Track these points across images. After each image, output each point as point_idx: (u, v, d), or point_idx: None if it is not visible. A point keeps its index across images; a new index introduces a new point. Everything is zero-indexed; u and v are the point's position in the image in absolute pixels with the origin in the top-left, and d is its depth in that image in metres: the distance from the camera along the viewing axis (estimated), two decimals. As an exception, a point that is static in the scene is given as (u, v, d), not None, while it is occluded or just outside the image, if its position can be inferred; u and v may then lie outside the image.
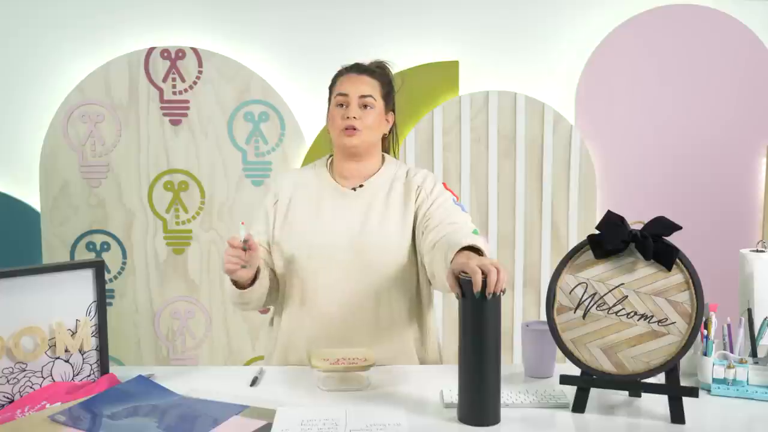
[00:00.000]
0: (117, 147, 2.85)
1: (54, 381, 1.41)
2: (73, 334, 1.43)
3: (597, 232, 1.34)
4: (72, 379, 1.44)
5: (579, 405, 1.32)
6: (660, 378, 1.33)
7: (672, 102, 2.92)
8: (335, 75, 1.76)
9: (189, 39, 2.85)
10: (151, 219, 2.87)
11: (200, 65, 2.83)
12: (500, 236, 2.90)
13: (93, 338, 1.46)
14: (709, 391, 1.41)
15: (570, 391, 1.37)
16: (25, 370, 1.38)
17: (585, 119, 2.92)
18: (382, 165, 1.77)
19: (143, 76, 2.83)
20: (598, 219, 1.36)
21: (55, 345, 1.41)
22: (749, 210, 2.97)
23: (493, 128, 2.87)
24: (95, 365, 1.47)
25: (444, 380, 1.46)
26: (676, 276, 1.29)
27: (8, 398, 1.36)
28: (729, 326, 1.46)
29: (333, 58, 1.89)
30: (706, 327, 1.43)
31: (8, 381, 1.36)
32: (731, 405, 1.36)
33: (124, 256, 2.88)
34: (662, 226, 1.30)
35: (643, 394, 1.39)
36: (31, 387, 1.39)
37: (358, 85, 1.68)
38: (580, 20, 2.90)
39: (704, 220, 2.92)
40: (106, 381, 1.44)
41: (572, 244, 2.77)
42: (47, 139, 2.83)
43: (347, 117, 1.66)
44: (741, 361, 1.40)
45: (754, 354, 1.45)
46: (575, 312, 1.34)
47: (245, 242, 1.50)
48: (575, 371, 1.37)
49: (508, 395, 1.37)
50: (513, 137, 2.88)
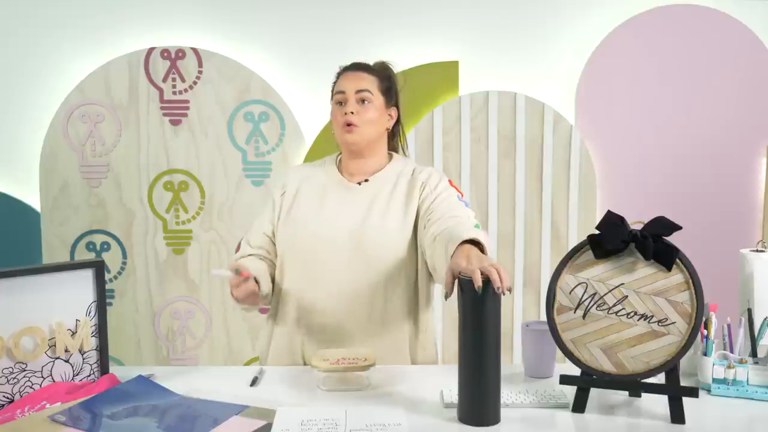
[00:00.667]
0: (117, 147, 2.85)
1: (54, 381, 1.41)
2: (73, 334, 1.43)
3: (597, 232, 1.33)
4: (72, 379, 1.44)
5: (579, 405, 1.32)
6: (660, 378, 1.33)
7: (672, 102, 2.92)
8: (335, 76, 1.78)
9: (189, 39, 2.86)
10: (151, 219, 2.87)
11: (200, 65, 2.83)
12: (500, 236, 2.90)
13: (93, 338, 1.46)
14: (709, 391, 1.41)
15: (570, 391, 1.37)
16: (25, 370, 1.38)
17: (585, 119, 2.92)
18: (390, 162, 1.78)
19: (143, 76, 2.83)
20: (598, 219, 1.36)
21: (55, 345, 1.41)
22: (749, 210, 2.97)
23: (493, 128, 2.87)
24: (95, 365, 1.47)
25: (444, 380, 1.46)
26: (676, 276, 1.29)
27: (8, 398, 1.36)
28: (729, 326, 1.46)
29: (333, 58, 1.90)
30: (706, 327, 1.43)
31: (8, 381, 1.36)
32: (731, 405, 1.36)
33: (124, 256, 2.88)
34: (662, 226, 1.30)
35: (643, 394, 1.39)
36: (31, 387, 1.39)
37: (355, 81, 1.71)
38: (580, 20, 2.91)
39: (704, 220, 2.92)
40: (106, 381, 1.44)
41: (572, 244, 2.77)
42: (47, 139, 2.83)
43: (345, 113, 1.68)
44: (741, 361, 1.40)
45: (754, 354, 1.45)
46: (575, 312, 1.34)
47: (237, 272, 1.53)
48: (575, 371, 1.36)
49: (508, 395, 1.37)
50: (513, 137, 2.88)
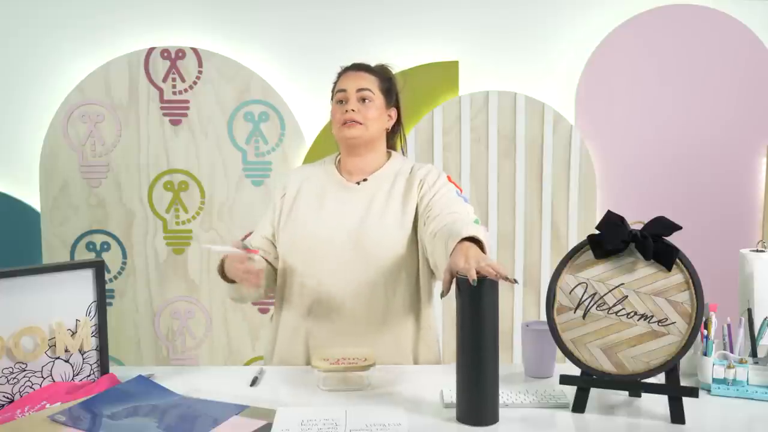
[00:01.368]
0: (117, 147, 2.85)
1: (54, 381, 1.41)
2: (73, 334, 1.43)
3: (597, 232, 1.33)
4: (72, 379, 1.44)
5: (579, 405, 1.32)
6: (660, 378, 1.33)
7: (672, 102, 2.92)
8: (336, 76, 1.79)
9: (189, 39, 2.86)
10: (151, 219, 2.87)
11: (200, 65, 2.83)
12: (500, 236, 2.90)
13: (93, 338, 1.46)
14: (709, 391, 1.41)
15: (570, 391, 1.37)
16: (25, 370, 1.38)
17: (585, 119, 2.92)
18: (388, 161, 1.79)
19: (143, 76, 2.83)
20: (598, 219, 1.36)
21: (55, 345, 1.41)
22: (749, 210, 2.97)
23: (493, 128, 2.87)
24: (95, 365, 1.47)
25: (444, 380, 1.46)
26: (676, 276, 1.29)
27: (8, 398, 1.36)
28: (729, 326, 1.46)
29: (333, 58, 1.90)
30: (706, 327, 1.43)
31: (8, 381, 1.36)
32: (731, 405, 1.36)
33: (124, 256, 2.88)
34: (662, 226, 1.30)
35: (643, 394, 1.39)
36: (31, 387, 1.39)
37: (356, 80, 1.72)
38: (580, 20, 2.90)
39: (704, 220, 2.92)
40: (106, 381, 1.44)
41: (572, 244, 2.77)
42: (47, 139, 2.83)
43: (346, 111, 1.69)
44: (741, 361, 1.40)
45: (754, 354, 1.45)
46: (575, 312, 1.34)
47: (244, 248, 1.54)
48: (575, 371, 1.36)
49: (508, 395, 1.37)
50: (513, 137, 2.88)
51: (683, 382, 1.34)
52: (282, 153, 2.87)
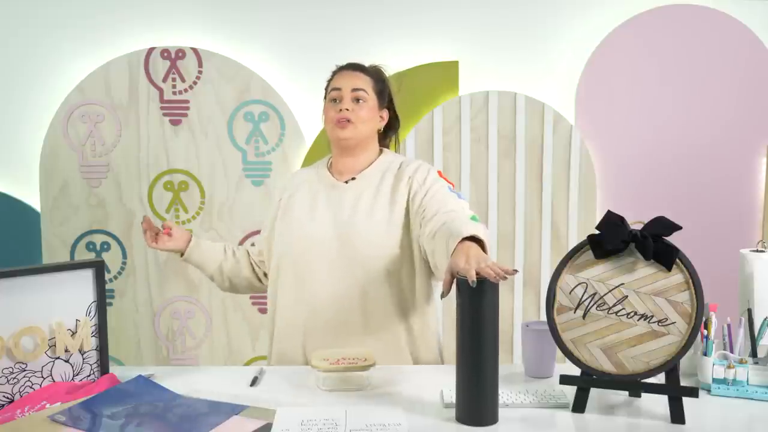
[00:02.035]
0: (117, 147, 2.85)
1: (54, 381, 1.41)
2: (73, 334, 1.43)
3: (597, 232, 1.33)
4: (72, 379, 1.44)
5: (579, 405, 1.32)
6: (660, 378, 1.33)
7: (672, 102, 2.92)
8: (330, 74, 1.81)
9: (189, 39, 2.86)
10: (152, 219, 2.86)
11: (200, 65, 2.83)
12: (500, 236, 2.90)
13: (93, 338, 1.46)
14: (709, 391, 1.41)
15: (570, 391, 1.37)
16: (25, 370, 1.38)
17: (585, 119, 2.92)
18: (378, 158, 1.80)
19: (143, 76, 2.83)
20: (598, 219, 1.36)
21: (55, 345, 1.41)
22: (749, 210, 2.97)
23: (493, 128, 2.87)
24: (95, 365, 1.47)
25: (444, 380, 1.46)
26: (676, 276, 1.29)
27: (8, 398, 1.36)
28: (729, 326, 1.46)
29: (333, 58, 1.90)
30: (706, 327, 1.43)
31: (8, 381, 1.36)
32: (731, 405, 1.36)
33: (124, 256, 2.88)
34: (662, 226, 1.30)
35: (643, 394, 1.39)
36: (31, 387, 1.39)
37: (351, 80, 1.74)
38: (580, 20, 2.90)
39: (704, 220, 2.92)
40: (106, 381, 1.44)
41: (572, 244, 2.77)
42: (47, 139, 2.83)
43: (340, 110, 1.71)
44: (741, 361, 1.40)
45: (754, 354, 1.45)
46: (575, 312, 1.34)
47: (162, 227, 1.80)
48: (575, 371, 1.37)
49: (508, 395, 1.37)
50: (513, 137, 2.88)
51: (683, 382, 1.34)
52: (282, 153, 2.87)
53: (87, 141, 2.84)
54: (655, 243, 1.29)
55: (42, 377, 1.40)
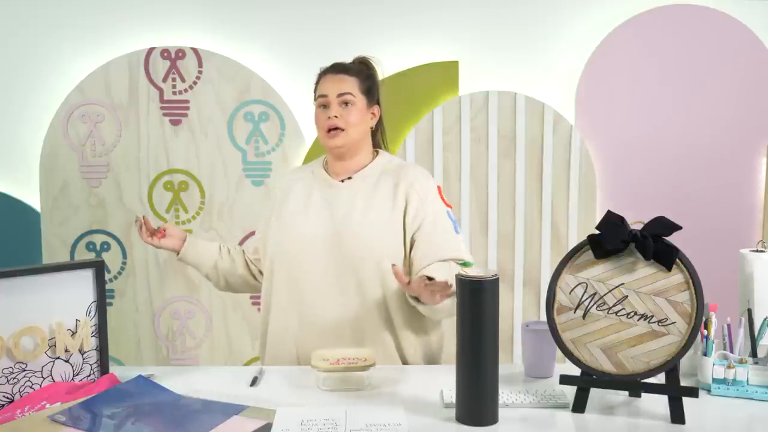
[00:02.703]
0: (117, 147, 2.85)
1: (54, 381, 1.41)
2: (73, 334, 1.43)
3: (597, 232, 1.34)
4: (72, 379, 1.44)
5: (579, 405, 1.32)
6: (660, 378, 1.33)
7: (672, 102, 2.92)
8: (317, 77, 1.80)
9: (189, 39, 2.85)
10: (152, 219, 2.86)
11: (200, 65, 2.83)
12: (500, 236, 2.90)
13: (93, 338, 1.46)
14: (709, 391, 1.41)
15: (570, 391, 1.37)
16: (25, 370, 1.38)
17: (585, 119, 2.92)
18: (374, 159, 1.79)
19: (143, 76, 2.83)
20: (598, 219, 1.36)
21: (55, 345, 1.41)
22: (749, 210, 2.97)
23: (493, 128, 2.87)
24: (95, 365, 1.47)
25: (444, 380, 1.46)
26: (676, 276, 1.29)
27: (8, 398, 1.36)
28: (729, 326, 1.46)
29: (333, 58, 1.90)
30: (706, 327, 1.43)
31: (8, 381, 1.36)
32: (731, 405, 1.36)
33: (124, 256, 2.88)
34: (662, 226, 1.30)
35: (643, 394, 1.39)
36: (31, 387, 1.39)
37: (337, 84, 1.73)
38: (580, 20, 2.90)
39: (704, 220, 2.92)
40: (106, 381, 1.44)
41: (572, 244, 2.77)
42: (47, 139, 2.83)
43: (329, 117, 1.71)
44: (741, 361, 1.40)
45: (754, 354, 1.45)
46: (575, 312, 1.34)
47: (158, 228, 1.79)
48: (575, 371, 1.37)
49: (508, 395, 1.37)
50: (513, 137, 2.88)
51: (683, 382, 1.34)
52: (282, 153, 2.87)
53: (87, 141, 2.84)
54: (655, 243, 1.29)
55: (42, 377, 1.40)
